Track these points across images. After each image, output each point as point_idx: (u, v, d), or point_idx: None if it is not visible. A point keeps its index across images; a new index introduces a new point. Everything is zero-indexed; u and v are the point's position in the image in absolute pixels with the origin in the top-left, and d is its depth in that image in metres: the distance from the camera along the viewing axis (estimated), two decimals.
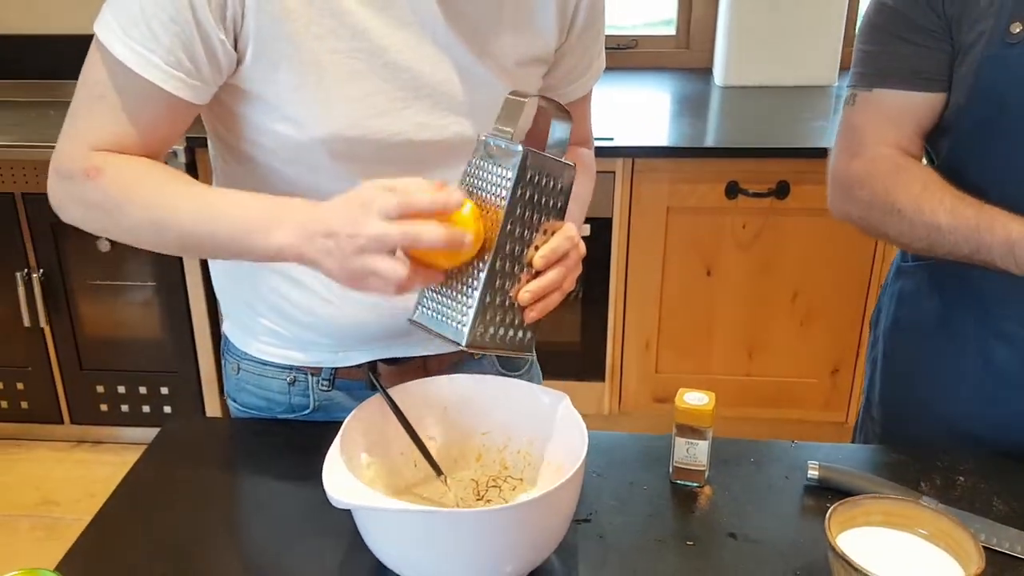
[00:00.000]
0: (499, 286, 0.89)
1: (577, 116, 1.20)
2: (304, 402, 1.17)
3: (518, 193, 0.87)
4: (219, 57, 0.93)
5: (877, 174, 1.16)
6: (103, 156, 0.94)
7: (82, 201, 0.96)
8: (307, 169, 1.01)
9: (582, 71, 1.16)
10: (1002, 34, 1.06)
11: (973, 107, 1.11)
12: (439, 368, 1.15)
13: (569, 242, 0.92)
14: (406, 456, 1.02)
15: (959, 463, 1.10)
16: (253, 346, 1.17)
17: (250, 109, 0.99)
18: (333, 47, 0.94)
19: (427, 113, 1.00)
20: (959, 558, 0.86)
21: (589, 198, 1.22)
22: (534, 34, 1.06)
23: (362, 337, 1.11)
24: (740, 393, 2.61)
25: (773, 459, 1.11)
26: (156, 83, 0.92)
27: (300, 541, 0.98)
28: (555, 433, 1.00)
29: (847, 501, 0.90)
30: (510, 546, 0.86)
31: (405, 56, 0.97)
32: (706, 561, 0.95)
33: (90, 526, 1.01)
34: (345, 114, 0.97)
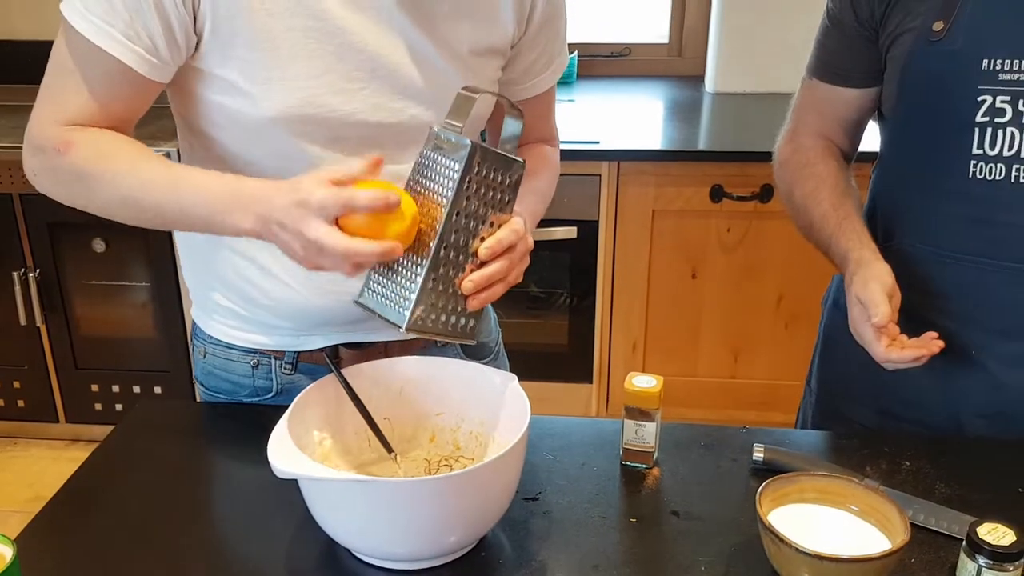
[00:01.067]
0: (443, 273, 0.92)
1: (539, 113, 1.23)
2: (268, 385, 1.20)
3: (464, 185, 0.90)
4: (176, 35, 0.96)
5: (794, 163, 1.28)
6: (74, 131, 0.98)
7: (54, 173, 1.00)
8: (266, 151, 1.04)
9: (542, 67, 1.18)
10: (926, 33, 1.11)
11: (902, 103, 1.17)
12: (401, 354, 1.18)
13: (515, 235, 0.94)
14: (360, 436, 1.04)
15: (905, 448, 1.12)
16: (217, 328, 1.20)
17: (208, 89, 1.02)
18: (288, 24, 0.98)
19: (382, 95, 1.03)
20: (887, 532, 0.88)
21: (550, 194, 1.23)
22: (491, 24, 1.09)
23: (322, 321, 1.14)
24: (725, 395, 2.62)
25: (723, 443, 1.14)
26: (115, 55, 0.96)
27: (254, 518, 1.01)
28: (505, 413, 1.02)
29: (780, 478, 0.92)
30: (450, 516, 0.88)
31: (361, 38, 1.00)
32: (647, 537, 0.98)
33: (51, 501, 1.04)
34: (299, 91, 1.00)
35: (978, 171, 1.11)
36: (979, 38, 1.08)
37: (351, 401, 1.03)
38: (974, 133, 1.10)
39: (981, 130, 1.10)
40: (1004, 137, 1.09)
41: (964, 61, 1.09)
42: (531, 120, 1.20)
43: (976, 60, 1.08)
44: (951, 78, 1.11)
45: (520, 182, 0.96)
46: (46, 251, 2.63)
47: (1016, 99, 1.08)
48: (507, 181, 0.94)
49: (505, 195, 0.95)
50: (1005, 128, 1.09)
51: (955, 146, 1.12)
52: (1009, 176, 1.10)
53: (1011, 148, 1.09)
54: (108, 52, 0.96)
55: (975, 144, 1.10)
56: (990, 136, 1.10)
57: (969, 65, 1.09)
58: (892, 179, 1.24)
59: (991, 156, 1.10)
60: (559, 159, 1.31)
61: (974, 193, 1.12)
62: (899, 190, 1.22)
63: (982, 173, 1.11)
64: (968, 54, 1.09)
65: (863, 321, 1.09)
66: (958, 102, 1.10)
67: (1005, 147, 1.09)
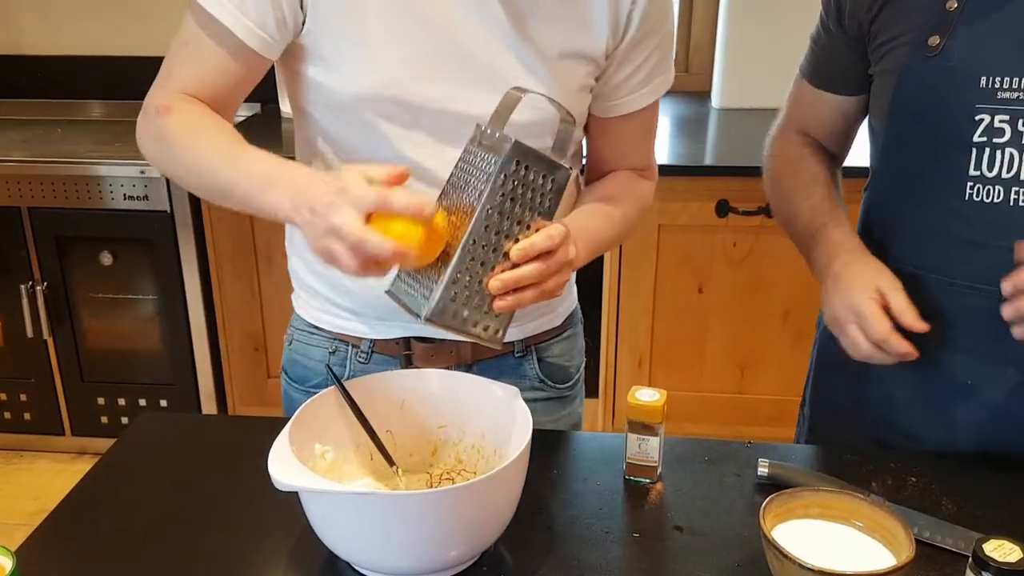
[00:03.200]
0: (470, 268, 0.91)
1: (631, 136, 1.20)
2: (340, 372, 1.22)
3: (500, 181, 0.89)
4: (285, 13, 1.03)
5: (786, 156, 1.28)
6: (177, 97, 1.05)
7: (152, 134, 1.07)
8: (353, 131, 1.08)
9: (638, 84, 1.14)
10: (921, 47, 1.08)
11: (894, 119, 1.13)
12: (474, 359, 1.18)
13: (550, 240, 0.92)
14: (362, 449, 1.04)
15: (912, 464, 1.11)
16: (305, 309, 1.25)
17: (305, 65, 1.07)
18: (380, 8, 1.02)
19: (467, 86, 1.04)
20: (892, 548, 0.87)
21: (626, 228, 1.19)
22: (584, 29, 1.08)
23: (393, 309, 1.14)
24: (732, 411, 2.61)
25: (727, 458, 1.13)
26: (228, 27, 1.02)
27: (255, 531, 1.01)
28: (508, 427, 1.01)
29: (784, 493, 0.91)
30: (452, 530, 0.88)
31: (452, 27, 1.02)
32: (650, 552, 0.97)
33: (52, 514, 1.04)
34: (384, 72, 1.03)
35: (975, 193, 1.07)
36: (977, 55, 1.05)
37: (353, 414, 1.02)
38: (971, 153, 1.06)
39: (979, 150, 1.06)
40: (1003, 158, 1.05)
41: (961, 78, 1.05)
42: (623, 142, 1.20)
43: (974, 77, 1.04)
44: (947, 95, 1.07)
45: (563, 188, 0.94)
46: (53, 264, 2.64)
47: (1016, 118, 1.04)
48: (549, 185, 0.93)
49: (546, 199, 0.94)
50: (1004, 149, 1.05)
51: (951, 166, 1.08)
52: (1008, 199, 1.06)
53: (1010, 170, 1.05)
54: (221, 22, 1.02)
55: (972, 165, 1.06)
56: (988, 157, 1.06)
57: (967, 82, 1.05)
58: (885, 198, 1.20)
59: (989, 178, 1.06)
60: (651, 194, 1.25)
61: (971, 216, 1.08)
62: (892, 210, 1.18)
63: (979, 195, 1.07)
64: (966, 71, 1.05)
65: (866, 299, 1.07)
66: (955, 121, 1.07)
67: (1004, 168, 1.05)
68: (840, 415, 1.28)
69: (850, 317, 1.08)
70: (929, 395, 1.18)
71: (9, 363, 2.77)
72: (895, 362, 1.08)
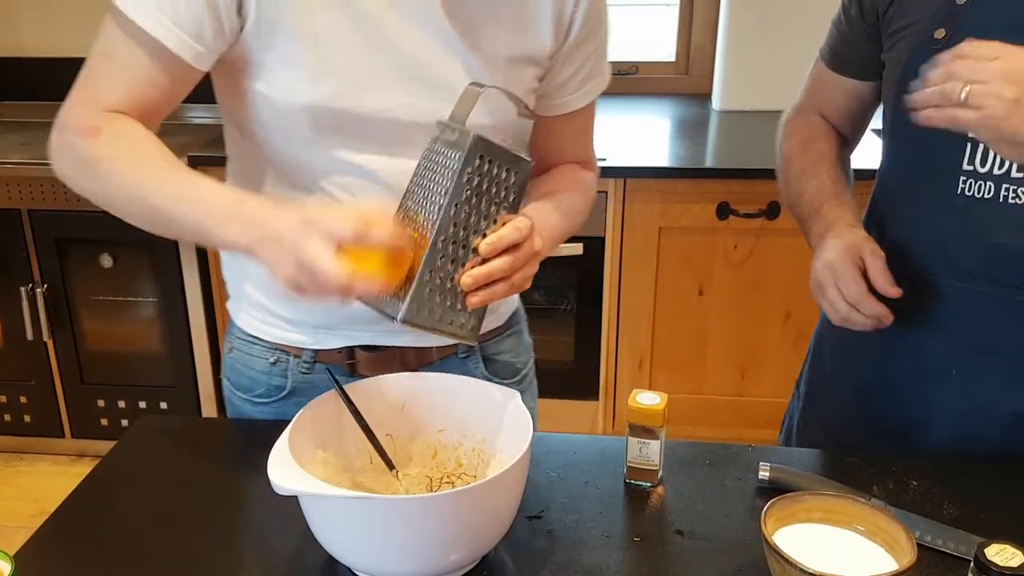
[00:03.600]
0: (440, 267, 0.91)
1: (573, 132, 1.22)
2: (283, 383, 1.20)
3: (465, 177, 0.89)
4: (223, 22, 0.98)
5: (800, 136, 1.30)
6: (104, 116, 0.99)
7: (74, 156, 1.00)
8: (295, 141, 1.05)
9: (579, 84, 1.17)
10: (927, 39, 1.09)
11: (897, 108, 1.14)
12: (419, 363, 1.17)
13: (518, 233, 0.93)
14: (361, 452, 1.03)
15: (913, 467, 1.10)
16: (245, 320, 1.22)
17: (249, 77, 1.03)
18: (326, 19, 0.99)
19: (416, 95, 1.04)
20: (894, 552, 0.87)
21: (577, 218, 1.20)
22: (529, 33, 1.08)
23: (341, 318, 1.14)
24: (733, 413, 2.61)
25: (729, 461, 1.12)
26: (158, 39, 0.97)
27: (254, 535, 1.00)
28: (507, 430, 1.01)
29: (785, 497, 0.91)
30: (452, 534, 0.87)
31: (398, 37, 1.01)
32: (650, 556, 0.97)
33: (52, 517, 1.03)
34: (333, 84, 1.01)
35: (967, 188, 1.08)
36: None
37: (353, 417, 1.02)
38: (966, 148, 1.07)
39: (973, 145, 1.07)
40: (995, 155, 1.06)
41: None
42: (565, 139, 1.22)
43: None
44: None
45: (527, 181, 0.95)
46: (53, 266, 2.64)
47: None
48: (511, 179, 0.94)
49: (510, 193, 0.94)
50: None
51: (946, 159, 1.10)
52: (998, 195, 1.06)
53: (1001, 167, 1.06)
54: (153, 36, 0.97)
55: (966, 159, 1.08)
56: (981, 152, 1.07)
57: None
58: (887, 189, 1.23)
59: (981, 173, 1.07)
60: (595, 184, 1.26)
61: (962, 210, 1.09)
62: (893, 202, 1.21)
63: (971, 190, 1.08)
64: None
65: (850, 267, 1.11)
66: None
67: (995, 165, 1.06)
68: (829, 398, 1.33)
69: (829, 278, 1.13)
70: (912, 381, 1.20)
71: (9, 365, 2.77)
72: (872, 326, 1.11)
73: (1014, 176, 1.05)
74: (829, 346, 1.35)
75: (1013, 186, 1.06)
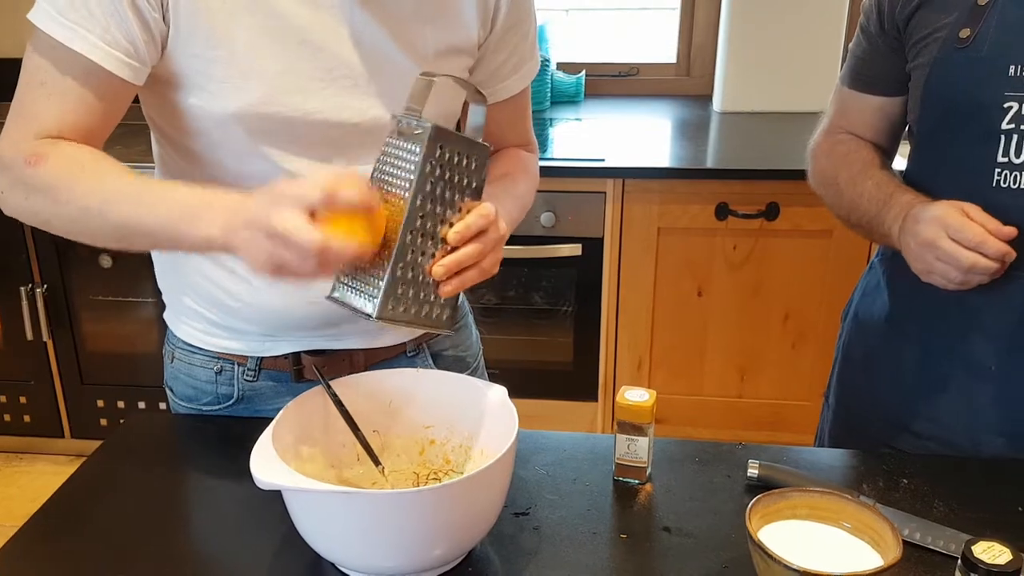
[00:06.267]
0: (411, 260, 0.90)
1: (511, 117, 1.23)
2: (230, 392, 1.20)
3: (427, 168, 0.89)
4: (153, 33, 0.97)
5: (837, 153, 1.29)
6: (46, 143, 0.96)
7: (24, 188, 0.97)
8: (231, 153, 1.04)
9: (510, 71, 1.19)
10: (952, 40, 1.11)
11: (926, 110, 1.16)
12: (367, 363, 1.17)
13: (484, 219, 0.93)
14: (348, 449, 1.03)
15: (904, 466, 1.10)
16: (185, 331, 1.20)
17: (173, 89, 1.01)
18: (247, 23, 0.98)
19: (346, 95, 1.03)
20: (880, 549, 0.86)
21: (529, 200, 1.22)
22: (454, 25, 1.09)
23: (288, 324, 1.14)
24: (732, 414, 2.60)
25: (718, 459, 1.12)
26: (96, 61, 0.95)
27: (239, 533, 1.00)
28: (494, 426, 1.01)
29: (771, 493, 0.90)
30: (435, 529, 0.87)
31: (323, 37, 1.01)
32: (637, 553, 0.96)
33: (36, 515, 1.04)
34: (259, 89, 1.00)
35: (1003, 180, 1.10)
36: (1006, 45, 1.08)
37: (339, 413, 1.02)
38: (1000, 141, 1.09)
39: (1007, 137, 1.08)
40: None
41: (990, 68, 1.08)
42: (504, 125, 1.23)
43: (1003, 67, 1.07)
44: (977, 85, 1.10)
45: (486, 165, 0.94)
46: (53, 267, 2.65)
47: None
48: (472, 165, 0.93)
49: (472, 179, 0.94)
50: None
51: (980, 154, 1.11)
52: None
53: None
54: (88, 57, 0.95)
55: (1000, 152, 1.09)
56: (1016, 144, 1.08)
57: (996, 71, 1.08)
58: (917, 187, 1.21)
59: (1017, 164, 1.09)
60: (537, 166, 1.29)
61: (998, 202, 1.10)
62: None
63: (1006, 182, 1.10)
64: (995, 60, 1.08)
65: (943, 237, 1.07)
66: (984, 109, 1.10)
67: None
68: (867, 405, 1.31)
69: (940, 231, 1.07)
70: (956, 379, 1.19)
71: (9, 365, 2.77)
72: (997, 271, 1.07)
73: None
74: (860, 355, 1.33)
75: None
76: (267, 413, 1.09)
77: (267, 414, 1.05)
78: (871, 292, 1.33)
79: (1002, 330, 1.15)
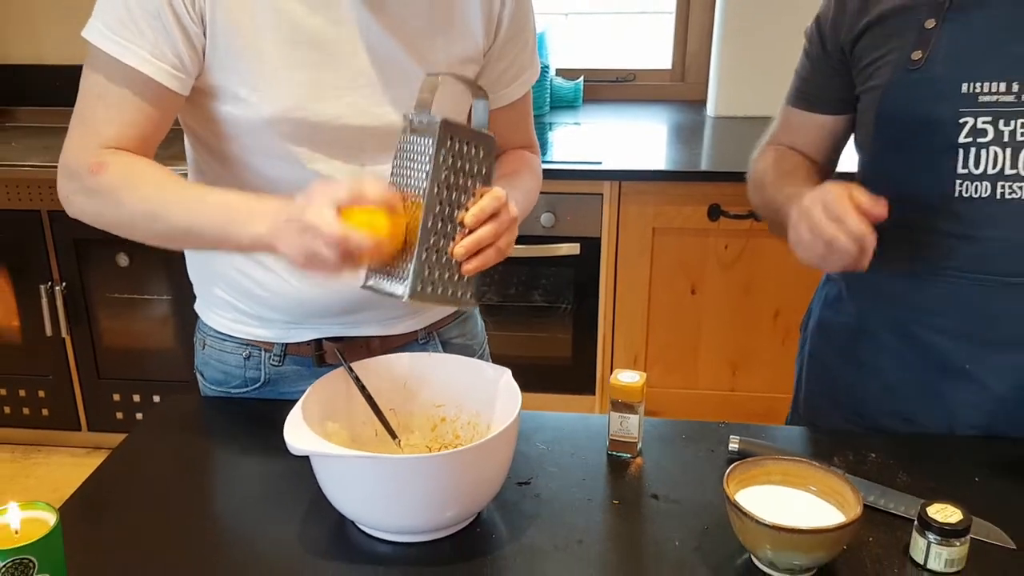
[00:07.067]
0: (434, 243, 1.00)
1: (514, 121, 1.34)
2: (257, 375, 1.31)
3: (440, 158, 0.99)
4: (196, 47, 1.08)
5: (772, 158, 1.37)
6: (107, 152, 1.08)
7: (88, 192, 1.09)
8: (264, 155, 1.15)
9: (512, 78, 1.29)
10: (905, 62, 1.18)
11: (881, 128, 1.23)
12: (383, 350, 1.27)
13: (497, 201, 1.02)
14: (367, 424, 1.14)
15: (874, 443, 1.20)
16: (215, 320, 1.32)
17: (212, 99, 1.13)
18: (275, 38, 1.09)
19: (365, 102, 1.14)
20: (843, 509, 0.97)
21: (533, 195, 1.33)
22: (462, 36, 1.20)
23: (312, 312, 1.24)
24: (725, 407, 2.70)
25: (703, 436, 1.23)
26: (147, 73, 1.06)
27: (269, 500, 1.10)
28: (499, 404, 1.11)
29: (747, 461, 1.01)
30: (447, 491, 0.98)
31: (342, 50, 1.12)
32: (627, 517, 1.07)
33: (90, 478, 1.15)
34: (288, 97, 1.11)
35: (963, 190, 1.16)
36: (958, 64, 1.14)
37: (360, 393, 1.12)
38: (958, 154, 1.15)
39: (965, 150, 1.15)
40: (988, 156, 1.14)
41: (945, 86, 1.15)
42: (508, 128, 1.33)
43: (956, 85, 1.14)
44: (934, 103, 1.16)
45: (493, 153, 1.04)
46: (72, 265, 2.75)
47: (996, 119, 1.13)
48: (480, 153, 1.03)
49: (482, 167, 1.03)
50: (988, 147, 1.14)
51: (939, 167, 1.17)
52: (995, 193, 1.15)
53: (995, 166, 1.14)
54: (139, 70, 1.06)
55: (960, 164, 1.16)
56: (974, 156, 1.15)
57: (950, 90, 1.15)
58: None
59: (976, 175, 1.15)
60: (540, 166, 1.39)
61: (959, 211, 1.17)
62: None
63: (968, 192, 1.16)
64: (949, 79, 1.15)
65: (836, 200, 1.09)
66: (941, 125, 1.16)
67: (989, 165, 1.14)
68: (835, 407, 1.37)
69: (817, 204, 1.10)
70: (928, 382, 1.26)
71: (29, 361, 2.88)
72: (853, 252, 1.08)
73: (1007, 174, 1.14)
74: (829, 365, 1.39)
75: (1008, 182, 1.15)
76: (291, 395, 1.20)
77: (291, 396, 1.16)
78: (833, 303, 1.39)
79: (970, 329, 1.20)
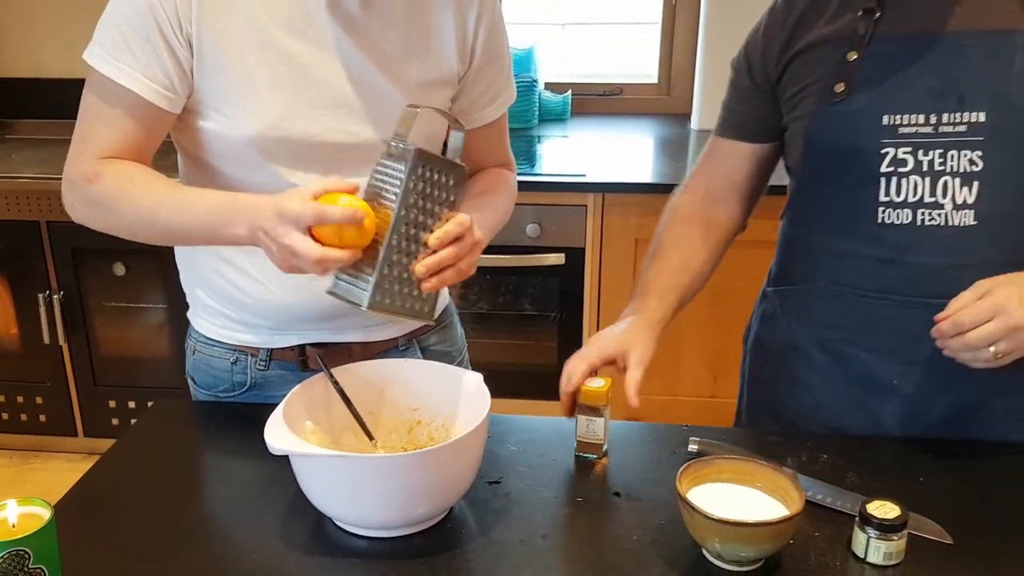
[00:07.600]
0: (397, 260, 1.08)
1: (491, 141, 1.42)
2: (244, 380, 1.38)
3: (410, 184, 1.07)
4: (185, 68, 1.16)
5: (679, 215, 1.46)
6: (103, 163, 1.17)
7: (87, 201, 1.19)
8: (246, 170, 1.22)
9: (488, 101, 1.36)
10: (828, 94, 1.23)
11: (808, 158, 1.29)
12: (364, 356, 1.34)
13: (460, 227, 1.10)
14: (346, 427, 1.20)
15: (826, 445, 1.27)
16: (204, 326, 1.39)
17: (198, 117, 1.21)
18: (258, 60, 1.17)
19: (342, 120, 1.22)
20: (787, 504, 1.03)
21: (505, 212, 1.39)
22: (436, 60, 1.27)
23: (294, 318, 1.32)
24: (705, 413, 2.77)
25: (666, 438, 1.30)
26: (138, 93, 1.15)
27: (250, 500, 1.17)
28: (471, 408, 1.18)
29: (700, 460, 1.08)
30: (419, 488, 1.04)
31: (322, 72, 1.19)
32: (591, 513, 1.14)
33: (84, 478, 1.21)
34: (270, 115, 1.18)
35: (886, 217, 1.21)
36: (879, 96, 1.19)
37: (339, 396, 1.19)
38: (880, 183, 1.20)
39: (887, 180, 1.20)
40: (908, 185, 1.19)
41: (867, 118, 1.20)
42: (484, 147, 1.41)
43: (877, 117, 1.19)
44: (856, 134, 1.21)
45: (462, 182, 1.12)
46: (70, 274, 2.82)
47: (916, 150, 1.18)
48: (450, 182, 1.11)
49: (450, 194, 1.11)
50: (908, 176, 1.19)
51: (863, 195, 1.22)
52: (915, 220, 1.20)
53: (915, 195, 1.19)
54: (131, 89, 1.15)
55: (882, 192, 1.21)
56: (895, 185, 1.20)
57: (872, 122, 1.19)
58: (803, 225, 1.35)
59: (897, 203, 1.20)
60: (516, 183, 1.47)
61: (883, 237, 1.22)
62: (811, 235, 1.33)
63: (890, 219, 1.21)
64: (870, 112, 1.20)
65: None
66: (864, 155, 1.21)
67: (910, 194, 1.19)
68: (773, 418, 1.44)
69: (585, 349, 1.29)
70: (859, 397, 1.32)
71: (27, 368, 2.95)
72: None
73: (927, 201, 1.20)
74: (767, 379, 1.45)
75: (927, 210, 1.20)
76: (277, 399, 1.26)
77: (277, 400, 1.22)
78: (769, 319, 1.44)
79: (897, 346, 1.26)
